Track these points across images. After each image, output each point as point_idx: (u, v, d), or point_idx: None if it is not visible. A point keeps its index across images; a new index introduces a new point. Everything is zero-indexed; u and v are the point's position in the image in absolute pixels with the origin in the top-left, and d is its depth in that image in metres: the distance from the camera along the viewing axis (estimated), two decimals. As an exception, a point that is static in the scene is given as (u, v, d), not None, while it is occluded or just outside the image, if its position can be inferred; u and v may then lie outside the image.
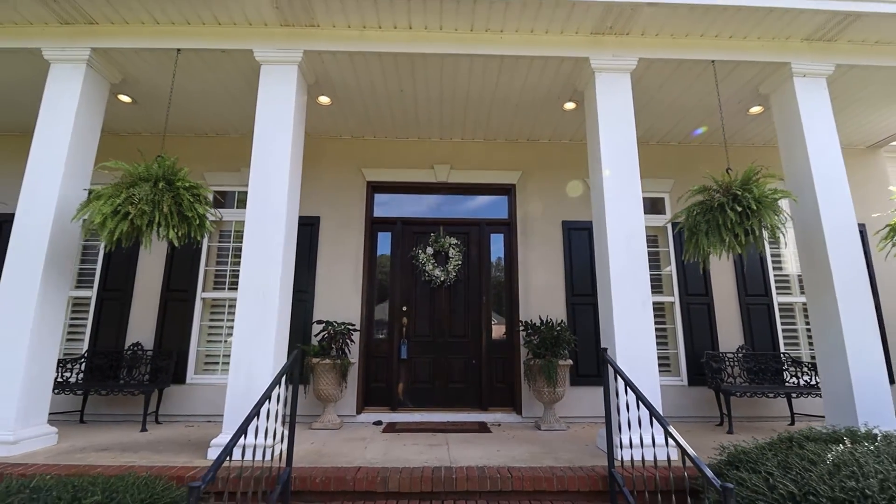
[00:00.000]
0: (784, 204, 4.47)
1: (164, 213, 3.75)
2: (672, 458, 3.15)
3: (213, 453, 3.52)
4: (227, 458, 2.32)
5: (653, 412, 2.77)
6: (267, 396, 2.81)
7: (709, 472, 2.15)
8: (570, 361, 5.00)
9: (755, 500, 2.28)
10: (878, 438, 2.61)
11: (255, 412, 2.64)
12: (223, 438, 3.54)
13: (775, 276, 5.92)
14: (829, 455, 2.39)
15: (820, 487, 2.14)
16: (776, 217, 3.88)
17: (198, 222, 3.95)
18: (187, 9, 4.14)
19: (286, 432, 3.26)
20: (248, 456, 3.26)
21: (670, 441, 2.64)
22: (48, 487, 2.32)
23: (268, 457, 3.40)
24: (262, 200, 4.03)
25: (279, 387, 3.04)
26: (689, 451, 2.40)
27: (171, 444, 4.07)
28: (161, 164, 3.87)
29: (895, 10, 4.18)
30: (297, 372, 3.29)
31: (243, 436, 2.55)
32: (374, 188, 6.03)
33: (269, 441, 3.46)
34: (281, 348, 3.92)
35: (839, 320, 3.99)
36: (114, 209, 3.68)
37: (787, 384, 5.32)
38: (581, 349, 5.40)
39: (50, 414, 4.48)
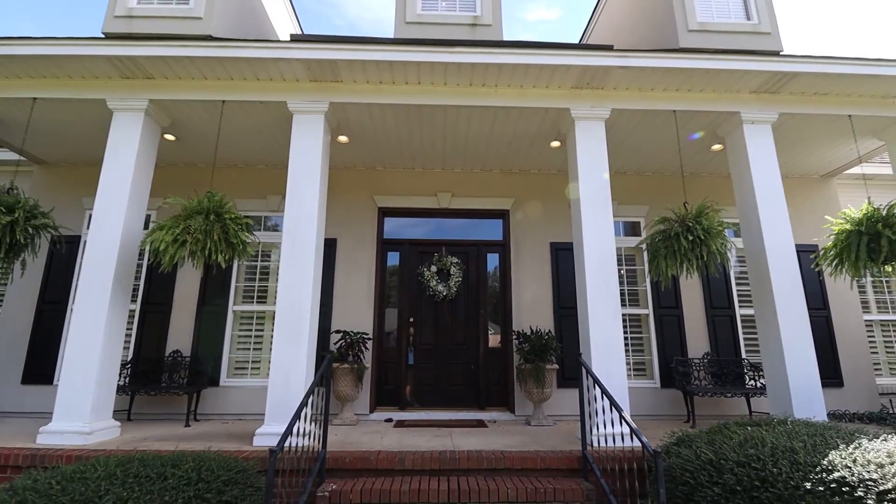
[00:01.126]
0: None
1: (215, 240, 4.51)
2: (635, 445, 3.90)
3: (258, 441, 4.25)
4: (287, 438, 3.07)
5: (612, 402, 3.54)
6: (311, 393, 3.56)
7: (645, 441, 2.92)
8: (556, 366, 5.76)
9: (685, 465, 3.03)
10: (788, 423, 3.37)
11: (303, 405, 3.39)
12: (267, 428, 4.28)
13: (738, 291, 6.71)
14: (742, 433, 3.15)
15: (729, 454, 2.90)
16: (722, 244, 4.68)
17: (241, 247, 4.71)
18: (232, 68, 4.94)
19: (314, 427, 4.01)
20: (290, 442, 3.99)
21: (625, 424, 3.40)
22: (148, 459, 3.06)
23: (306, 442, 4.13)
24: (295, 232, 4.79)
25: (317, 387, 3.79)
26: (634, 426, 3.17)
27: (217, 435, 4.79)
28: (211, 199, 4.64)
29: (826, 70, 5.02)
30: (328, 375, 4.04)
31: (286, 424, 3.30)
32: (385, 213, 6.82)
33: (308, 429, 4.19)
34: (311, 354, 4.67)
35: (779, 330, 4.76)
36: (174, 238, 4.44)
37: (746, 386, 6.08)
38: (566, 355, 6.16)
39: (108, 411, 5.20)
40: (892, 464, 2.62)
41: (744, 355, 6.43)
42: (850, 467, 2.58)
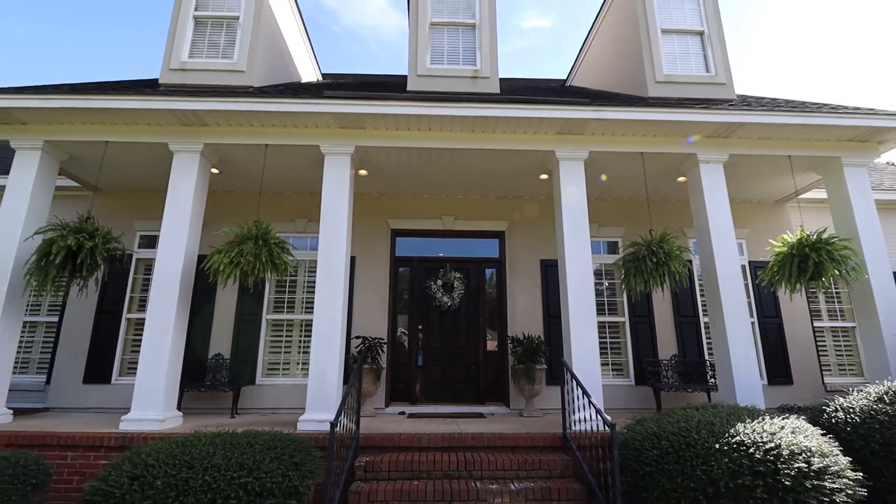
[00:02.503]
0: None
1: (263, 261, 5.52)
2: (605, 430, 4.91)
3: (301, 426, 5.20)
4: (339, 416, 4.06)
5: (584, 390, 4.55)
6: (349, 392, 4.55)
7: (606, 418, 3.94)
8: (545, 366, 6.78)
9: (635, 437, 4.05)
10: (716, 407, 4.38)
11: (347, 395, 4.39)
12: (309, 415, 5.24)
13: (702, 301, 7.74)
14: (681, 414, 4.17)
15: (667, 427, 3.91)
16: (680, 265, 5.72)
17: (283, 267, 5.73)
18: (275, 119, 5.97)
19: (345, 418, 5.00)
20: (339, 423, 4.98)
21: (593, 408, 4.41)
22: (231, 435, 4.03)
23: (346, 422, 5.12)
24: (328, 255, 5.80)
25: (356, 382, 4.78)
26: (599, 407, 4.19)
27: (262, 423, 5.74)
28: (258, 227, 5.65)
29: (767, 121, 6.08)
30: (359, 376, 5.04)
31: (325, 412, 4.30)
32: (397, 234, 7.84)
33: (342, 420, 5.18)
34: (342, 355, 5.66)
35: (726, 336, 5.79)
36: (230, 260, 5.45)
37: (707, 383, 7.10)
38: (554, 357, 7.16)
39: (166, 404, 6.16)
40: (781, 429, 3.65)
41: (707, 357, 7.46)
42: (748, 434, 3.60)
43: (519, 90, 8.33)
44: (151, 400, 5.36)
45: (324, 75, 11.64)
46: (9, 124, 6.11)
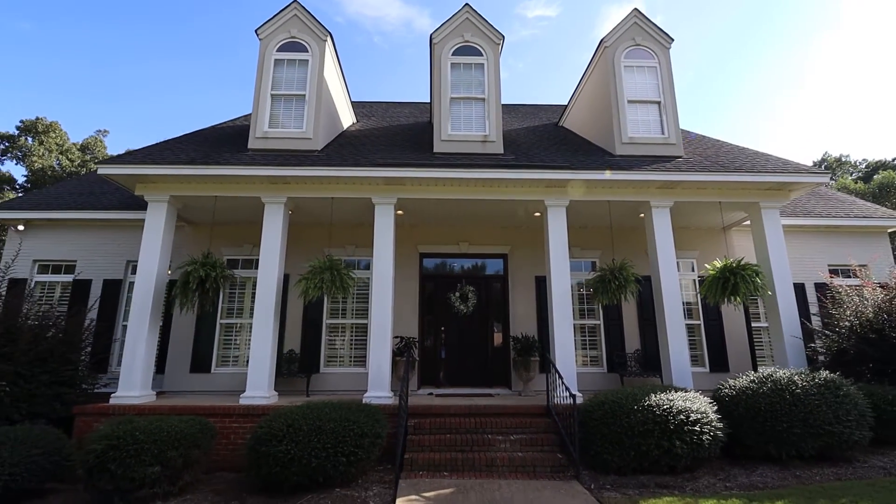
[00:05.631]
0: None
1: (336, 285, 7.79)
2: (570, 402, 7.15)
3: (366, 400, 7.45)
4: (404, 392, 6.33)
5: (560, 375, 6.81)
6: (405, 377, 6.83)
7: (573, 391, 6.20)
8: (538, 358, 9.04)
9: (592, 404, 6.31)
10: (648, 387, 6.61)
11: (405, 381, 6.67)
12: (370, 394, 7.51)
13: (661, 308, 9.95)
14: (621, 389, 6.42)
15: (609, 398, 6.17)
16: (635, 287, 7.95)
17: (350, 286, 7.99)
18: (339, 180, 8.20)
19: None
20: (389, 401, 7.28)
21: (565, 388, 6.66)
22: (328, 403, 6.30)
23: (394, 401, 7.42)
24: (380, 278, 8.06)
25: (404, 371, 7.05)
26: (567, 385, 6.45)
27: (334, 399, 8.05)
28: (331, 260, 7.91)
29: (700, 179, 8.27)
30: (407, 368, 7.32)
31: (382, 391, 6.64)
32: (423, 256, 10.11)
33: (393, 396, 7.48)
34: (390, 349, 7.94)
35: (667, 336, 8.01)
36: (314, 284, 7.71)
37: (660, 370, 9.31)
38: (544, 351, 9.40)
39: (261, 387, 8.47)
40: (677, 399, 5.90)
41: (663, 351, 9.68)
42: (655, 400, 5.86)
43: (520, 140, 10.53)
44: (260, 383, 7.67)
45: (354, 104, 13.44)
46: (144, 184, 8.37)
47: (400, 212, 9.18)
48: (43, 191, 12.26)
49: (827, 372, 6.45)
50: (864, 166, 35.04)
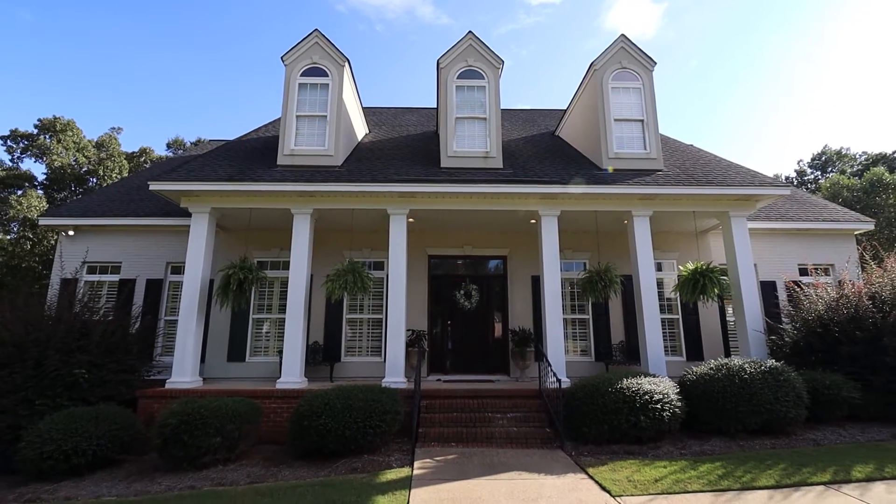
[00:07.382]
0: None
1: (358, 285, 9.02)
2: (557, 386, 8.37)
3: (384, 384, 8.71)
4: (417, 380, 7.58)
5: (549, 364, 8.05)
6: (418, 365, 8.08)
7: (560, 377, 7.44)
8: (532, 349, 10.27)
9: (576, 387, 7.53)
10: (623, 372, 7.82)
11: (418, 369, 7.92)
12: (387, 379, 8.76)
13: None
14: (603, 376, 7.64)
15: (589, 381, 7.39)
16: (617, 286, 9.15)
17: (369, 286, 9.22)
18: (359, 194, 9.39)
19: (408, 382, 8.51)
20: (403, 386, 8.53)
21: (554, 375, 7.88)
22: (358, 386, 7.54)
23: (408, 385, 8.67)
24: (395, 278, 9.28)
25: (417, 360, 8.29)
26: (556, 373, 7.68)
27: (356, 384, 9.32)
28: (352, 263, 9.13)
29: (674, 192, 9.41)
30: (420, 357, 8.55)
31: (398, 377, 7.88)
32: (431, 258, 11.32)
33: (407, 381, 8.72)
34: (404, 342, 9.17)
35: (644, 329, 9.22)
36: (339, 285, 8.94)
37: (640, 359, 10.54)
38: (538, 343, 10.63)
39: (291, 374, 9.75)
40: (644, 383, 7.11)
41: (645, 342, 10.90)
42: (626, 384, 7.08)
43: (518, 151, 11.66)
44: (293, 370, 8.94)
45: (364, 110, 14.33)
46: (188, 197, 9.58)
47: (411, 220, 10.35)
48: (87, 197, 13.48)
49: (773, 361, 7.65)
50: (863, 159, 35.60)
